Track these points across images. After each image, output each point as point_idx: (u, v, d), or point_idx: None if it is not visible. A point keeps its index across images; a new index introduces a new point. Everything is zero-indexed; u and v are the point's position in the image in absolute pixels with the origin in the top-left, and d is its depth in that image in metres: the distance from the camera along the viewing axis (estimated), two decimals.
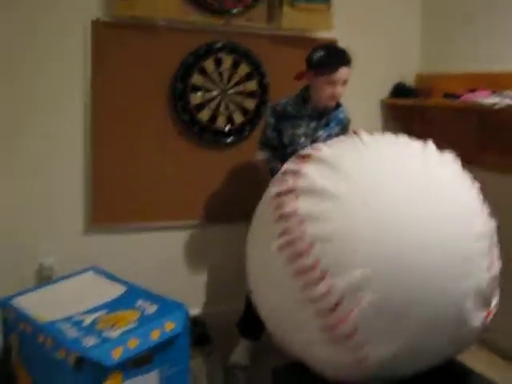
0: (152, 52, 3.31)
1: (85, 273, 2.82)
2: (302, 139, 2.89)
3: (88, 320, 2.27)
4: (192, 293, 3.57)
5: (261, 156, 3.05)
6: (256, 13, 3.51)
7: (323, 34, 3.60)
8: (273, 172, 2.93)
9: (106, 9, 3.18)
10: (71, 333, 2.15)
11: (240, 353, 3.07)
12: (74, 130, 3.24)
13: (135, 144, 3.34)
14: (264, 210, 2.15)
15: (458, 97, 3.36)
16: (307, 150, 2.19)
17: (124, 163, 3.32)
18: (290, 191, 2.02)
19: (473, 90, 3.31)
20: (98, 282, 2.72)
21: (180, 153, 3.44)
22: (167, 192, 3.43)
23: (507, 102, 3.02)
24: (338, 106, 2.96)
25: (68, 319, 2.28)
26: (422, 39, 4.03)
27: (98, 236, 3.34)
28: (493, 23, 3.45)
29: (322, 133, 2.92)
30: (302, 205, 1.96)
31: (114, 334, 2.11)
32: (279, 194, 2.05)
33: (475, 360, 2.46)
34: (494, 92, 3.19)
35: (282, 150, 2.94)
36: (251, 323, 2.98)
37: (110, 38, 3.20)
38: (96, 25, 3.17)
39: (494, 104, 3.04)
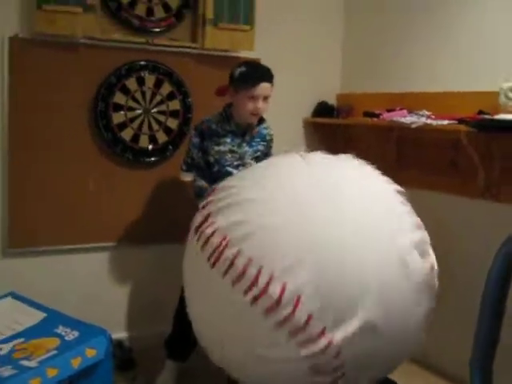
0: (73, 70, 3.23)
1: (2, 299, 2.71)
2: (228, 156, 2.89)
3: (5, 349, 2.17)
4: (116, 316, 3.48)
5: (186, 177, 3.02)
6: (179, 32, 3.52)
7: (246, 54, 3.63)
8: (200, 192, 2.91)
9: (26, 25, 3.09)
10: None
11: (165, 376, 3.00)
12: None
13: (55, 164, 3.24)
14: (189, 244, 2.20)
15: (377, 115, 3.46)
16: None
17: (43, 184, 3.22)
18: (206, 218, 2.08)
19: (390, 110, 3.42)
20: (17, 308, 2.62)
21: (102, 173, 3.37)
22: (89, 213, 3.34)
23: (423, 120, 3.14)
24: (262, 121, 2.99)
25: None
26: (343, 61, 4.14)
27: (16, 260, 3.20)
28: (407, 48, 3.60)
29: (247, 148, 2.93)
30: (221, 222, 2.01)
31: (32, 362, 2.03)
32: (198, 227, 2.11)
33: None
34: (410, 111, 3.31)
35: (208, 170, 2.93)
36: (180, 343, 2.95)
37: (29, 55, 3.11)
38: (14, 41, 3.07)
39: (412, 123, 3.15)
